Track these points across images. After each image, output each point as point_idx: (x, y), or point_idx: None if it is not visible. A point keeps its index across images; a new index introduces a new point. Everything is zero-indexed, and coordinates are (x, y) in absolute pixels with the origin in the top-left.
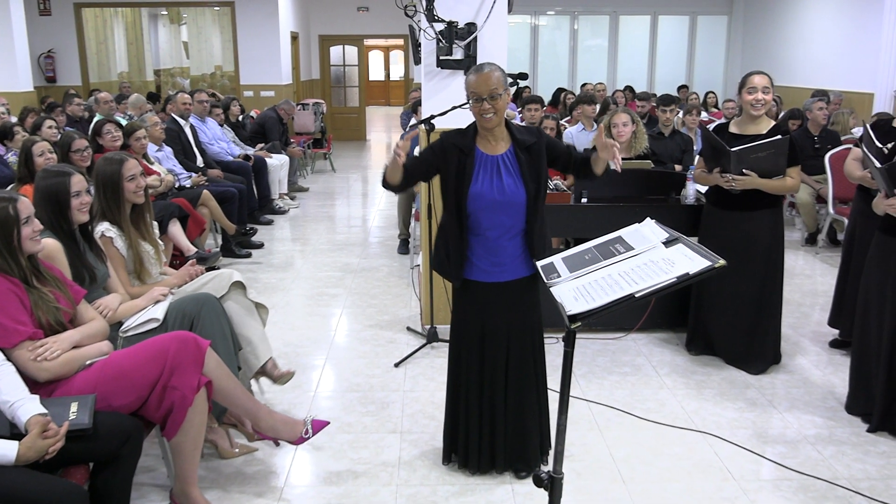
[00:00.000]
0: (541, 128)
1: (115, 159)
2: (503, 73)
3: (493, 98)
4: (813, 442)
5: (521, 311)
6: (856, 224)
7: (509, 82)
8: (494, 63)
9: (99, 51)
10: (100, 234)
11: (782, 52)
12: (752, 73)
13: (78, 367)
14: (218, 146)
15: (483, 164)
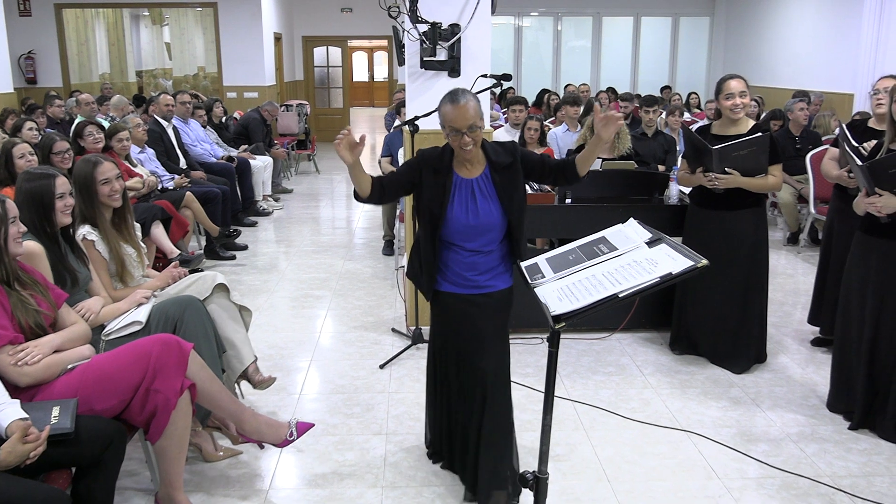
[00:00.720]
0: (515, 144)
1: (90, 161)
2: (478, 101)
3: (472, 130)
4: (796, 440)
5: (494, 324)
6: (833, 223)
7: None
8: (468, 92)
9: (80, 52)
10: (81, 236)
11: (764, 54)
12: (727, 77)
13: (59, 372)
14: (201, 148)
15: (459, 188)
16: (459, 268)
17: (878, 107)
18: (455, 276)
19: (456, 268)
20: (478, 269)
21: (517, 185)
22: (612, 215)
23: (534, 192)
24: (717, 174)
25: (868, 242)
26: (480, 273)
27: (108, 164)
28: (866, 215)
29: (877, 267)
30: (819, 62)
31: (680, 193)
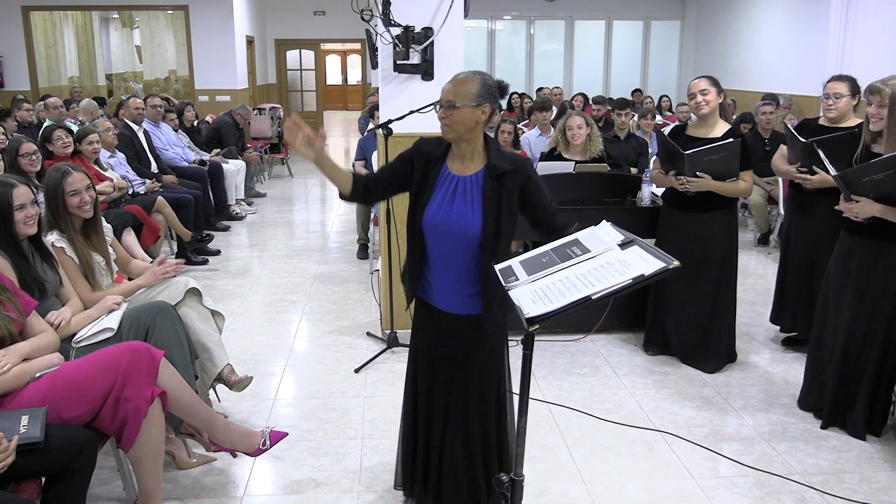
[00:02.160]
0: (530, 161)
1: (60, 169)
2: (484, 87)
3: (447, 108)
4: (767, 438)
5: (466, 353)
6: (791, 221)
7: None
8: (481, 73)
9: (48, 55)
10: (50, 243)
11: (733, 57)
12: (693, 79)
13: (28, 380)
14: (173, 151)
15: (443, 182)
16: (432, 276)
17: (829, 111)
18: (430, 283)
19: (430, 275)
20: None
21: (511, 198)
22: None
23: None
24: (689, 178)
25: (850, 242)
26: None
27: (77, 174)
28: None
29: (857, 266)
30: (787, 65)
31: (652, 196)
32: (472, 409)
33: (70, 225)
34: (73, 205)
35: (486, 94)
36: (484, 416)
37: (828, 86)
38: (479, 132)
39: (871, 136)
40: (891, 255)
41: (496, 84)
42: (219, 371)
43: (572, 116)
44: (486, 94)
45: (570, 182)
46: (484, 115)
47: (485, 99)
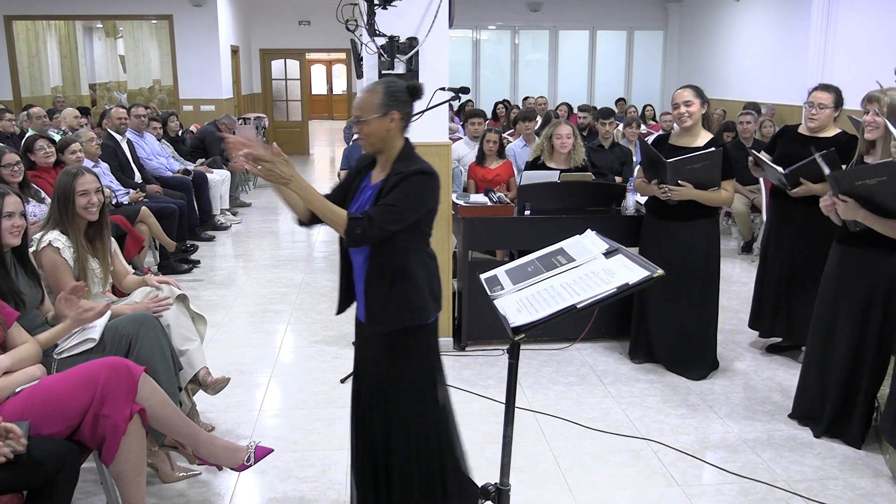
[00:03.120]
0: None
1: (71, 172)
2: (382, 95)
3: (355, 123)
4: (752, 445)
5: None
6: (771, 228)
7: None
8: (385, 81)
9: (31, 64)
10: (47, 242)
11: (716, 66)
12: (678, 88)
13: (7, 395)
14: (157, 161)
15: (363, 193)
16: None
17: (811, 121)
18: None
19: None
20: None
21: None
22: (570, 226)
23: (493, 203)
24: (671, 186)
25: (841, 251)
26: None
27: (89, 176)
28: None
29: (848, 276)
30: (769, 74)
31: (637, 204)
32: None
33: (76, 227)
34: (80, 205)
35: (390, 101)
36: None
37: (813, 94)
38: (395, 140)
39: (866, 145)
40: (879, 264)
41: (406, 88)
42: (195, 373)
43: (560, 125)
44: (391, 101)
45: (555, 191)
46: (393, 122)
47: (390, 106)
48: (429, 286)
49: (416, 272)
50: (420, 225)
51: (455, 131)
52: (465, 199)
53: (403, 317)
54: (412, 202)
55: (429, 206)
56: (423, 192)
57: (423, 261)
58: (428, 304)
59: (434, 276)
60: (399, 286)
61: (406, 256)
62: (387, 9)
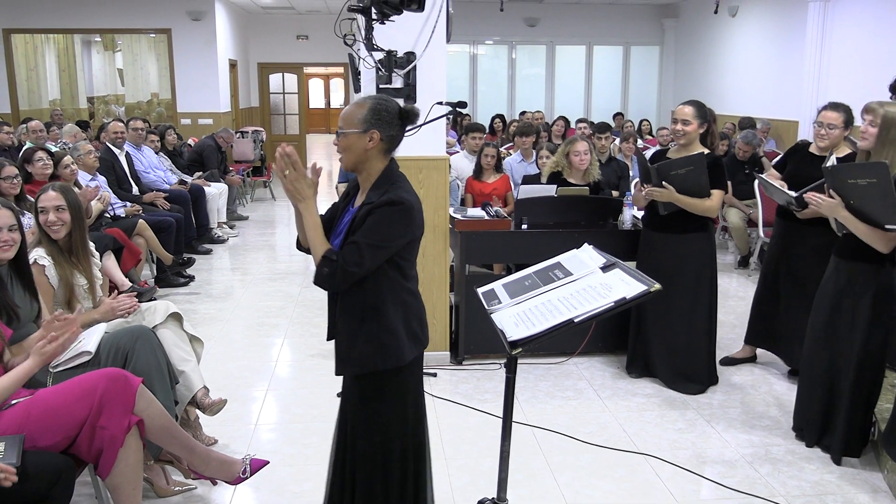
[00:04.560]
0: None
1: (45, 187)
2: (367, 111)
3: (337, 135)
4: (750, 461)
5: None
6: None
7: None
8: (377, 97)
9: (29, 77)
10: (32, 260)
11: (712, 81)
12: (682, 103)
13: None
14: (154, 174)
15: (345, 216)
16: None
17: (821, 140)
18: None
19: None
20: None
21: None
22: (567, 241)
23: (490, 217)
24: (652, 188)
25: (835, 263)
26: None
27: (51, 193)
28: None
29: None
30: (765, 90)
31: (634, 219)
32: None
33: (47, 241)
34: (42, 222)
35: (373, 119)
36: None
37: (822, 114)
38: (374, 161)
39: (865, 155)
40: (865, 276)
41: (397, 110)
42: (192, 395)
43: (578, 142)
44: (374, 119)
45: (552, 205)
46: (372, 141)
47: (372, 124)
48: (405, 326)
49: (390, 311)
50: (396, 259)
51: (452, 145)
52: (462, 212)
53: (374, 359)
54: (381, 237)
55: (401, 238)
56: (392, 226)
57: (400, 297)
58: (403, 347)
59: (413, 315)
60: (370, 326)
61: (378, 294)
62: (384, 24)
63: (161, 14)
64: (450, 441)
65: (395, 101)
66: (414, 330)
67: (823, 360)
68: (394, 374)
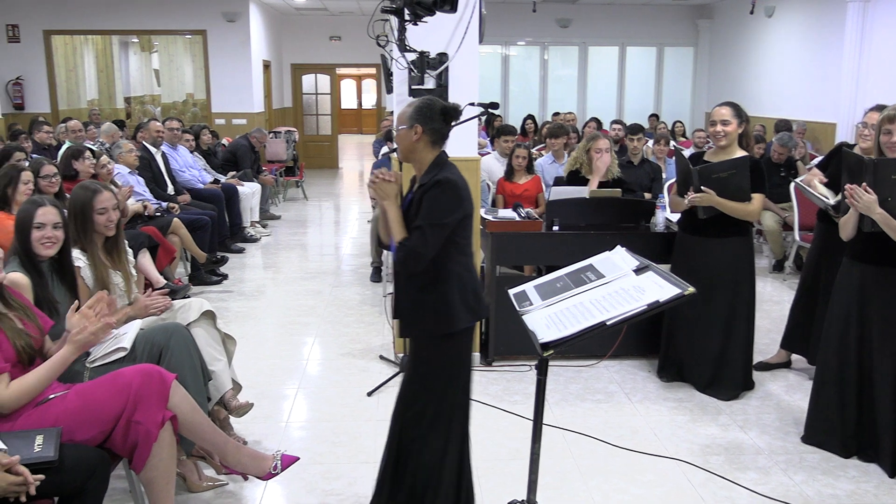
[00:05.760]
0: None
1: (89, 188)
2: (412, 109)
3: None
4: (784, 468)
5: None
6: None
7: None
8: (423, 98)
9: (68, 78)
10: None
11: (747, 83)
12: (717, 105)
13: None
14: (189, 173)
15: (404, 204)
16: None
17: (863, 140)
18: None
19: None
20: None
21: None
22: (599, 243)
23: (521, 219)
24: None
25: (850, 267)
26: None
27: (107, 193)
28: (853, 242)
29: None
30: (801, 92)
31: (666, 221)
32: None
33: (93, 243)
34: (99, 223)
35: (417, 115)
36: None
37: (868, 115)
38: (424, 153)
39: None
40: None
41: (440, 107)
42: (220, 396)
43: (599, 139)
44: (418, 115)
45: (584, 207)
46: (417, 135)
47: (415, 120)
48: (460, 296)
49: (447, 282)
50: (453, 236)
51: (483, 146)
52: (493, 214)
53: (429, 324)
54: (436, 216)
55: (453, 214)
56: (443, 204)
57: (455, 271)
58: (457, 314)
59: (467, 287)
60: (428, 294)
61: (437, 266)
62: (417, 25)
63: (196, 15)
64: (479, 442)
65: (440, 101)
66: (468, 300)
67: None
68: (447, 339)
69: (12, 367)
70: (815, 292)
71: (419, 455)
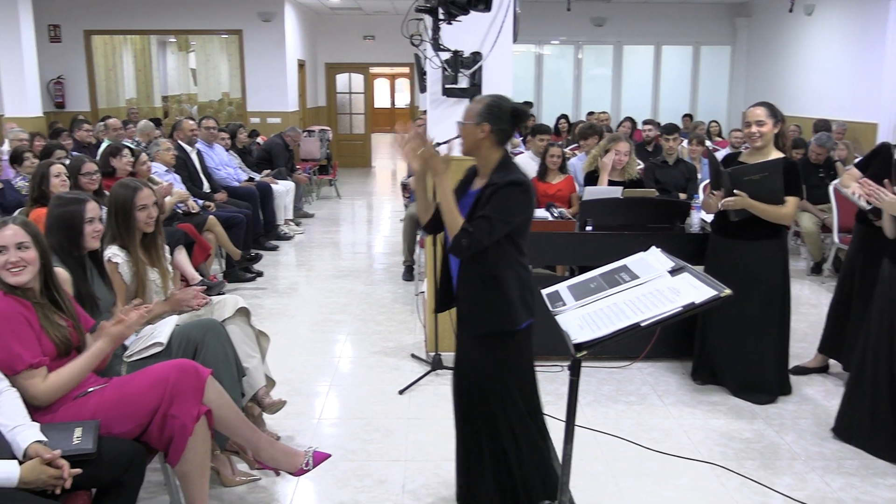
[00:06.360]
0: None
1: (130, 186)
2: (482, 106)
3: (458, 124)
4: (821, 474)
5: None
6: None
7: None
8: (494, 96)
9: (108, 77)
10: (107, 258)
11: (785, 82)
12: (751, 105)
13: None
14: (224, 171)
15: (466, 198)
16: None
17: None
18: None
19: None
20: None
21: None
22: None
23: (554, 218)
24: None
25: (891, 269)
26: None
27: (147, 190)
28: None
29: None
30: (842, 91)
31: (702, 222)
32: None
33: (133, 240)
34: (140, 219)
35: (486, 113)
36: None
37: None
38: (489, 151)
39: None
40: None
41: (510, 108)
42: (254, 392)
43: (620, 142)
44: (487, 113)
45: (618, 207)
46: (483, 133)
47: (484, 118)
48: (520, 295)
49: (507, 281)
50: (513, 235)
51: (517, 145)
52: None
53: (491, 322)
54: (506, 213)
55: (521, 215)
56: (515, 203)
57: (515, 270)
58: (517, 312)
59: (526, 286)
60: (489, 293)
61: (498, 265)
62: (451, 24)
63: (233, 15)
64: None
65: (511, 102)
66: (526, 299)
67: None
68: (508, 336)
69: (51, 361)
70: (851, 294)
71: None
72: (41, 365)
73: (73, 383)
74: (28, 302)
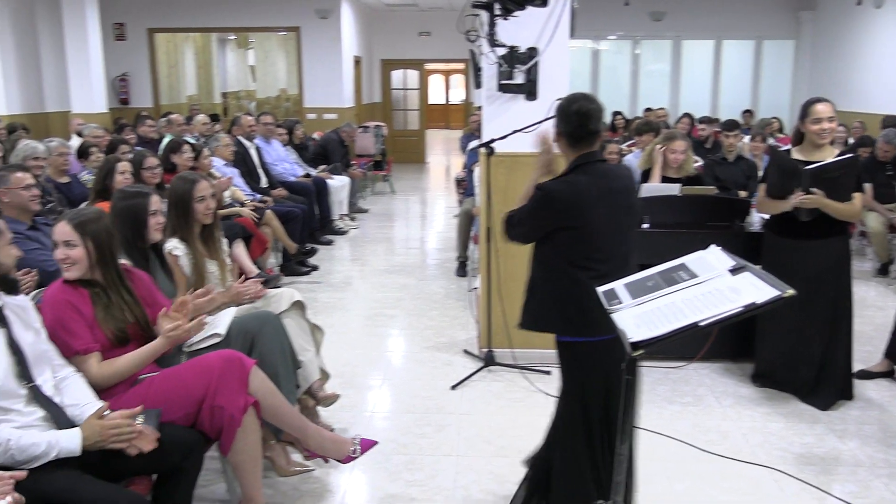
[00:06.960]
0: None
1: (188, 178)
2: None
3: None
4: (886, 481)
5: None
6: None
7: None
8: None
9: (170, 74)
10: (167, 251)
11: (852, 78)
12: (813, 101)
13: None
14: (282, 167)
15: None
16: None
17: None
18: None
19: None
20: None
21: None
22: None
23: None
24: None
25: None
26: None
27: (204, 182)
28: None
29: None
30: None
31: (762, 220)
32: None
33: (192, 232)
34: (199, 210)
35: (557, 115)
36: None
37: None
38: (563, 150)
39: None
40: None
41: (574, 109)
42: (308, 385)
43: (676, 140)
44: (557, 115)
45: (675, 204)
46: (558, 136)
47: (557, 120)
48: (559, 306)
49: (544, 287)
50: (557, 242)
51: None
52: None
53: (525, 321)
54: (523, 212)
55: (540, 220)
56: (533, 205)
57: (558, 278)
58: (553, 320)
59: (570, 300)
60: (527, 293)
61: (539, 269)
62: (507, 19)
63: (291, 12)
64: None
65: (579, 102)
66: (567, 313)
67: None
68: (586, 346)
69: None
70: None
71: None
72: (90, 352)
73: (123, 376)
74: (86, 291)
